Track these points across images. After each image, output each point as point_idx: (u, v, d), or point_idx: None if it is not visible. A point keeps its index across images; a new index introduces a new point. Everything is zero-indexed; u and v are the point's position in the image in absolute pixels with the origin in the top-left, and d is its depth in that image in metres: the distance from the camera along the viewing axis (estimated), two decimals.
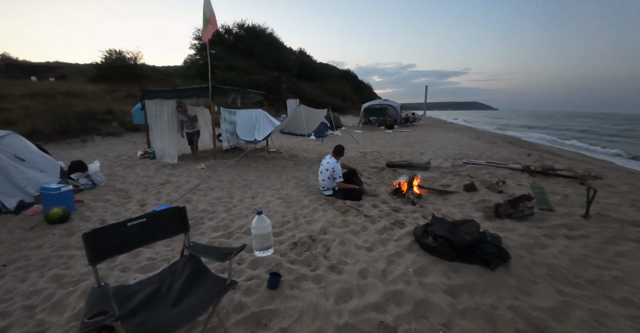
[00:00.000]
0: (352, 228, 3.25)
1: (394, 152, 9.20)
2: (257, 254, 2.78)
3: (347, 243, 2.91)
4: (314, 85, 37.63)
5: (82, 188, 5.52)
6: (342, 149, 4.61)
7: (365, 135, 15.47)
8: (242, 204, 4.37)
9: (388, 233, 3.09)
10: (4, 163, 4.52)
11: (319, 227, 3.32)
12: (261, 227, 2.75)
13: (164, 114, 7.61)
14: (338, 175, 4.35)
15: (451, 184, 5.15)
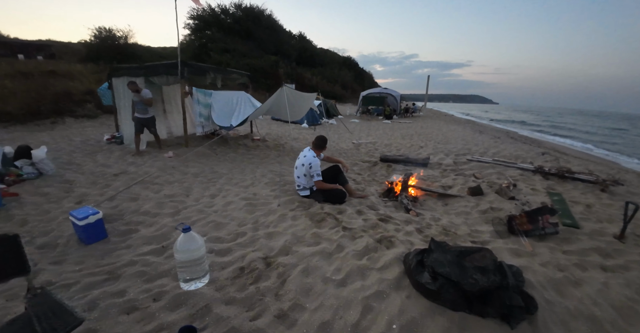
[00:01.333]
0: (324, 247, 2.48)
1: (390, 144, 8.38)
2: (183, 287, 2.03)
3: (313, 272, 2.14)
4: (314, 71, 36.17)
5: (25, 178, 4.74)
6: (324, 140, 3.80)
7: (362, 124, 14.59)
8: (197, 205, 3.60)
9: (370, 256, 2.33)
10: None
11: (281, 244, 2.56)
12: (188, 250, 1.99)
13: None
14: (316, 172, 3.56)
15: (453, 185, 4.38)
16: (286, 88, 5.91)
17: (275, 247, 2.54)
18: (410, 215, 3.33)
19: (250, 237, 2.76)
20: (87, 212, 2.88)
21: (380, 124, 15.17)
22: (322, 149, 3.80)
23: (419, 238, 2.67)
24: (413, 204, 3.74)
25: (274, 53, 33.73)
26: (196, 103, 6.54)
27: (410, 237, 2.68)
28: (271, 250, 2.49)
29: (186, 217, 3.32)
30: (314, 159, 3.60)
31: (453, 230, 2.92)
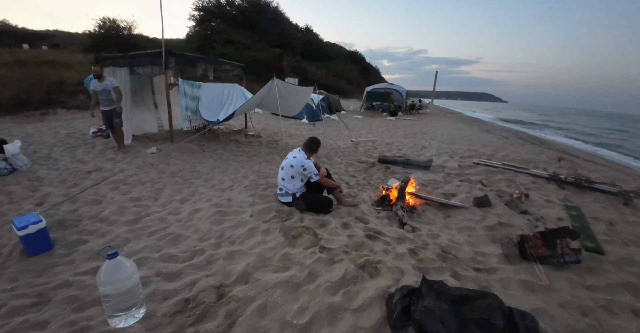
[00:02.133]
0: (292, 274, 2.04)
1: (391, 143, 7.88)
2: (110, 324, 1.67)
3: (271, 312, 1.71)
4: (319, 65, 35.44)
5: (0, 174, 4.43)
6: (317, 143, 3.34)
7: (365, 121, 14.04)
8: (161, 212, 3.20)
9: (347, 291, 1.88)
10: None
11: (242, 268, 2.13)
12: (114, 281, 1.61)
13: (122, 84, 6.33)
14: (313, 172, 3.14)
15: (457, 193, 3.90)
16: (278, 81, 5.44)
17: (234, 271, 2.12)
18: (405, 230, 2.88)
19: (208, 256, 2.34)
20: (29, 220, 2.51)
21: (383, 120, 14.60)
22: (314, 152, 3.35)
23: (412, 263, 2.22)
24: (410, 215, 3.28)
25: (279, 46, 33.07)
26: (182, 95, 6.10)
27: (401, 262, 2.22)
28: (228, 276, 2.07)
29: (144, 227, 2.92)
30: (306, 160, 3.15)
31: (454, 252, 2.46)
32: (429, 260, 2.28)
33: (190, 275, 2.14)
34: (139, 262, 2.35)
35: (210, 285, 2.00)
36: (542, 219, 3.01)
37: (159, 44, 5.72)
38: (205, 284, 2.00)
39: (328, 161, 5.79)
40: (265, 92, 5.42)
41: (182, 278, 2.11)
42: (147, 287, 2.06)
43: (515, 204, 3.26)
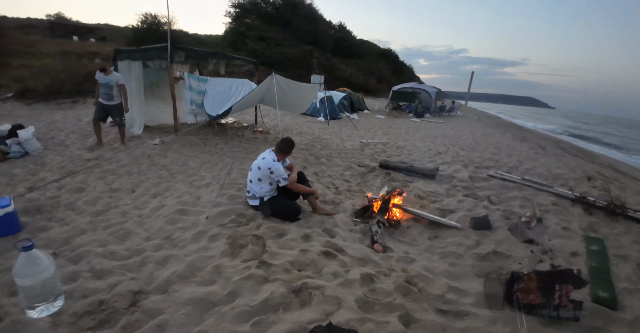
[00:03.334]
0: (212, 290, 1.79)
1: (404, 146, 7.30)
2: (27, 314, 1.65)
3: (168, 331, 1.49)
4: (349, 62, 34.77)
5: (11, 156, 4.72)
6: (289, 144, 3.08)
7: (386, 122, 13.38)
8: (129, 205, 3.15)
9: (261, 321, 1.57)
10: None
11: (167, 276, 1.95)
12: (28, 274, 1.61)
13: (132, 77, 6.51)
14: (281, 176, 2.87)
15: (456, 210, 3.38)
16: (278, 76, 5.20)
17: (158, 278, 1.94)
18: (375, 249, 2.48)
19: (144, 257, 2.19)
20: (6, 204, 2.58)
21: (407, 122, 13.81)
22: (286, 154, 3.07)
23: (358, 294, 1.84)
24: (390, 231, 2.87)
25: (310, 42, 32.96)
26: (187, 89, 6.10)
27: (346, 291, 1.85)
28: (150, 283, 1.90)
29: (105, 219, 2.86)
30: (274, 163, 2.89)
31: (422, 283, 2.03)
32: (383, 293, 1.89)
33: (117, 276, 2.01)
34: (81, 255, 2.29)
35: (129, 289, 1.86)
36: (551, 252, 2.43)
37: (196, 39, 5.88)
38: (125, 288, 1.86)
39: (327, 162, 5.45)
40: (265, 88, 5.20)
41: (108, 278, 2.00)
42: (74, 282, 1.98)
43: (520, 230, 2.69)
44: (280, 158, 3.02)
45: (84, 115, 8.59)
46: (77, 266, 2.17)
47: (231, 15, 33.31)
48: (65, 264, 2.21)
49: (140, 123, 6.83)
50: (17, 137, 5.02)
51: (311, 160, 5.45)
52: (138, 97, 6.66)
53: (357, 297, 1.80)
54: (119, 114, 5.33)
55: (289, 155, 3.09)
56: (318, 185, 4.13)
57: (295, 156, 5.57)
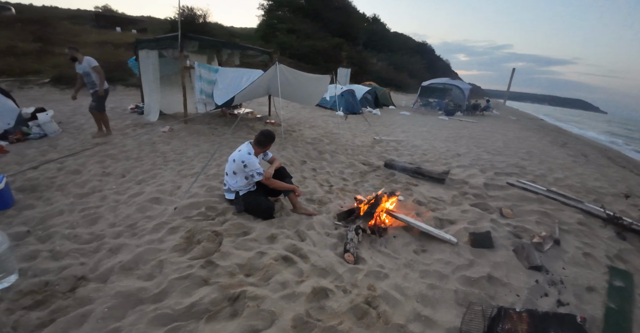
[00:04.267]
0: (146, 286, 1.66)
1: (420, 146, 6.76)
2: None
3: (89, 322, 1.48)
4: (380, 56, 33.66)
5: (31, 137, 5.01)
6: (267, 137, 2.83)
7: (410, 119, 12.66)
8: (112, 189, 3.18)
9: (178, 326, 1.39)
10: None
11: (112, 265, 1.92)
12: None
13: (149, 66, 6.66)
14: (255, 171, 2.66)
15: (457, 221, 2.95)
16: (283, 66, 4.96)
17: (104, 266, 1.90)
18: (345, 258, 2.18)
19: (101, 244, 2.16)
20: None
21: (433, 120, 12.96)
22: (264, 147, 2.84)
23: (300, 312, 1.57)
24: (373, 238, 2.54)
25: (341, 35, 32.25)
26: (198, 78, 6.09)
27: (286, 306, 1.60)
28: (95, 270, 1.88)
29: (85, 202, 2.90)
30: (248, 156, 2.68)
31: (385, 307, 1.72)
32: (331, 313, 1.61)
33: (70, 259, 2.00)
34: (50, 235, 2.32)
35: (74, 274, 1.84)
36: (561, 285, 1.97)
37: (230, 31, 5.88)
38: (71, 272, 1.86)
39: (330, 158, 5.16)
40: (268, 78, 4.99)
41: (62, 260, 1.99)
42: (33, 260, 2.01)
43: (527, 253, 2.23)
44: (258, 151, 2.80)
45: (109, 102, 8.95)
46: (41, 245, 2.20)
47: (264, 8, 33.51)
48: (33, 243, 2.24)
49: (156, 111, 6.98)
50: (35, 120, 5.32)
51: (313, 155, 5.19)
52: (154, 85, 6.81)
53: (297, 314, 1.54)
54: (97, 99, 5.01)
55: (267, 148, 2.85)
56: (311, 182, 3.88)
57: (297, 150, 5.34)
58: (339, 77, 21.05)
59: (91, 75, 4.89)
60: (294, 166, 4.51)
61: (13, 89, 9.17)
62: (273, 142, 2.84)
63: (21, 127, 5.09)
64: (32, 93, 8.86)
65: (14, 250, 1.99)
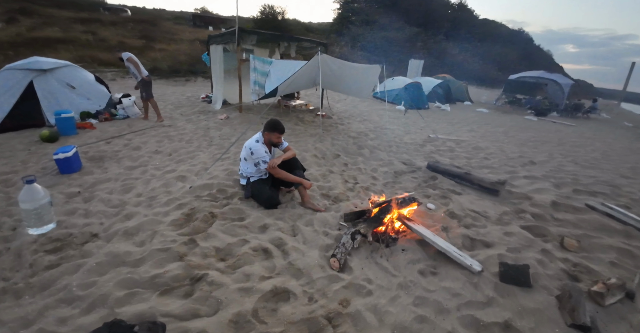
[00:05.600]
0: (128, 251, 1.87)
1: (484, 148, 5.75)
2: (32, 232, 2.13)
3: (71, 274, 1.68)
4: (464, 46, 30.05)
5: (116, 118, 6.08)
6: (271, 125, 2.69)
7: (486, 116, 10.97)
8: (157, 165, 3.65)
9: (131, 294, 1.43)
10: (56, 89, 5.31)
11: (117, 229, 2.21)
12: (27, 201, 2.06)
13: (216, 60, 7.31)
14: (261, 159, 2.65)
15: (493, 245, 2.37)
16: (325, 56, 4.77)
17: (113, 228, 2.22)
18: (330, 263, 1.96)
19: (121, 210, 2.53)
20: (64, 150, 3.36)
21: (516, 119, 10.94)
22: (270, 134, 2.69)
23: (245, 309, 1.47)
24: (376, 247, 2.23)
25: (420, 24, 29.81)
26: (252, 70, 6.41)
27: (238, 299, 1.52)
28: (107, 230, 2.21)
29: (129, 174, 3.38)
30: (255, 143, 2.68)
31: (346, 329, 1.47)
32: (281, 318, 1.46)
33: (94, 218, 2.36)
34: (92, 197, 2.78)
35: (91, 231, 2.17)
36: None
37: (306, 27, 6.21)
38: (89, 229, 2.19)
39: (369, 154, 4.82)
40: (311, 68, 4.87)
41: (89, 218, 2.37)
42: (70, 215, 2.43)
43: (573, 304, 1.62)
44: (266, 139, 2.71)
45: (188, 91, 10.29)
46: (82, 205, 2.63)
47: (340, 1, 33.25)
48: (78, 202, 2.70)
49: (220, 100, 7.64)
50: (120, 104, 6.37)
51: (350, 150, 4.92)
52: (220, 77, 7.46)
53: (243, 310, 1.46)
54: (145, 89, 5.65)
55: (274, 136, 2.69)
56: (335, 177, 3.67)
57: (335, 143, 5.15)
58: (410, 69, 19.77)
59: (130, 67, 5.53)
60: (325, 159, 4.35)
61: (117, 78, 11.26)
62: (278, 131, 2.67)
63: (110, 109, 6.13)
64: (130, 82, 10.66)
65: (55, 205, 2.45)
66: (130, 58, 5.49)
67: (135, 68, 5.52)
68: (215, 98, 7.86)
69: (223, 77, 7.47)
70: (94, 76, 6.43)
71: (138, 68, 5.52)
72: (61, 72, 5.48)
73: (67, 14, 16.57)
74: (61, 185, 3.03)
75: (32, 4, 16.15)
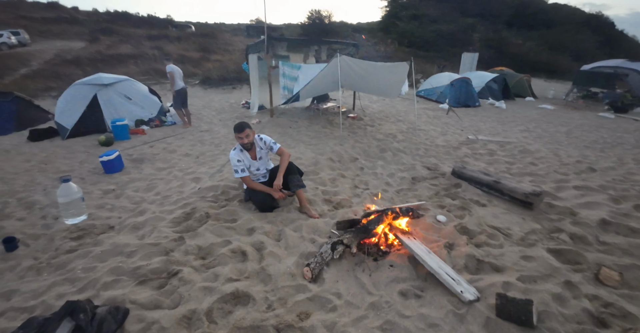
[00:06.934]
0: (126, 242, 2.13)
1: (534, 152, 4.95)
2: (67, 222, 2.56)
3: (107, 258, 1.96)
4: (530, 35, 26.54)
5: (165, 124, 6.85)
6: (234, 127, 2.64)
7: (549, 114, 9.52)
8: (182, 167, 4.02)
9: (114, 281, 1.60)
10: (115, 100, 6.22)
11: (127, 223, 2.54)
12: (63, 196, 2.50)
13: (253, 67, 7.72)
14: (235, 167, 2.62)
15: (504, 269, 2.02)
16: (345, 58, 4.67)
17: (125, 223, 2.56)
18: (303, 272, 1.89)
19: (138, 206, 2.89)
20: (108, 153, 3.94)
21: (587, 117, 9.24)
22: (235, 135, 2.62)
23: (201, 308, 1.55)
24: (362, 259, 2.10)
25: (477, 14, 27.18)
26: (282, 76, 6.60)
27: (198, 297, 1.62)
28: (120, 224, 2.55)
29: (157, 174, 3.82)
30: (232, 152, 2.68)
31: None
32: (230, 323, 1.51)
33: (116, 212, 2.77)
34: (121, 194, 3.21)
35: (109, 224, 2.54)
36: None
37: (350, 27, 6.35)
38: (108, 222, 2.58)
39: (391, 157, 4.57)
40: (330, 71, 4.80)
41: (112, 212, 2.78)
42: (100, 209, 2.84)
43: None
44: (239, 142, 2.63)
45: (232, 98, 11.02)
46: (112, 200, 3.04)
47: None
48: (110, 198, 3.13)
49: (257, 106, 8.04)
50: (169, 112, 7.12)
51: (371, 153, 4.72)
52: (256, 83, 7.87)
53: (198, 309, 1.56)
54: (173, 99, 6.22)
55: (237, 137, 2.61)
56: (345, 182, 3.57)
57: (356, 146, 4.99)
58: (463, 63, 18.16)
59: (169, 80, 6.13)
60: (341, 162, 4.26)
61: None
62: (236, 131, 2.59)
63: (161, 116, 6.89)
64: None
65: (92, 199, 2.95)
66: (170, 73, 6.10)
67: (171, 81, 6.13)
68: (253, 103, 8.28)
69: (259, 84, 7.84)
70: (148, 88, 7.30)
71: (172, 82, 6.11)
72: (120, 86, 6.35)
73: (140, 32, 19.18)
74: (102, 183, 3.52)
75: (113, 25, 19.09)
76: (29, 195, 3.13)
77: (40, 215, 2.72)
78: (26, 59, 14.30)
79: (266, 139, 2.77)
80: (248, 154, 2.70)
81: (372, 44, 22.03)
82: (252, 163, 2.74)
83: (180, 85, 6.20)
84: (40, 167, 4.17)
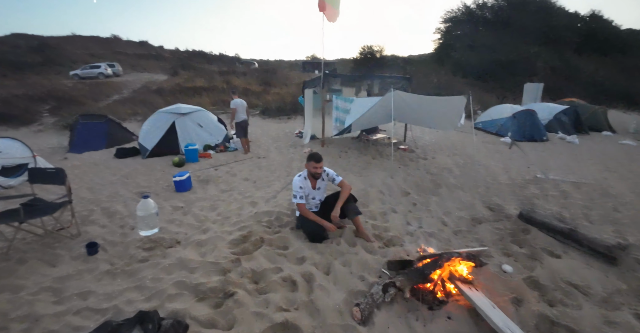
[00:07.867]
0: (189, 258, 2.35)
1: (618, 195, 4.24)
2: (142, 233, 2.94)
3: (176, 270, 2.15)
4: (604, 60, 23.97)
5: (229, 150, 7.63)
6: (311, 155, 2.85)
7: (629, 151, 8.21)
8: (241, 190, 4.38)
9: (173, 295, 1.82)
10: (189, 127, 7.25)
11: (192, 240, 2.79)
12: (141, 210, 2.89)
13: (308, 100, 8.34)
14: (295, 193, 2.80)
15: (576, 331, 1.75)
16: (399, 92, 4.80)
17: (191, 239, 2.85)
18: (352, 313, 1.88)
19: (202, 224, 3.20)
20: (180, 174, 4.51)
21: None
22: (309, 163, 2.83)
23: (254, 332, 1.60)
24: (416, 305, 2.01)
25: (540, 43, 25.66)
26: (335, 109, 7.02)
27: (250, 321, 1.70)
28: (186, 240, 2.86)
29: (219, 196, 4.21)
30: (296, 178, 2.88)
31: None
32: None
33: (183, 229, 3.12)
34: (188, 211, 3.62)
35: (176, 238, 2.89)
36: None
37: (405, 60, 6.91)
38: (175, 237, 2.93)
39: (446, 193, 4.36)
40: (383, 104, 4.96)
41: (179, 228, 3.14)
42: (169, 224, 3.25)
43: None
44: (308, 171, 2.86)
45: (288, 128, 11.79)
46: (180, 217, 3.45)
47: (440, 31, 32.35)
48: (178, 214, 3.56)
49: (309, 135, 8.53)
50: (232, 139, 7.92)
51: (424, 188, 4.58)
52: (309, 115, 8.44)
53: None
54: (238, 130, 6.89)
55: (311, 166, 2.81)
56: (397, 218, 3.48)
57: (408, 179, 4.92)
58: (526, 94, 17.01)
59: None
60: (391, 196, 4.19)
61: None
62: (314, 159, 2.79)
63: (225, 142, 7.69)
64: None
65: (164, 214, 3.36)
66: (233, 109, 6.71)
67: (232, 116, 6.78)
68: (305, 133, 8.79)
69: (312, 115, 8.38)
70: (217, 117, 8.29)
71: (233, 116, 6.76)
72: (194, 115, 7.36)
73: (212, 67, 22.22)
74: (174, 200, 4.01)
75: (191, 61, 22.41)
76: (112, 205, 3.71)
77: (119, 224, 3.19)
78: (119, 87, 17.32)
79: (330, 171, 2.96)
80: (310, 182, 2.88)
81: (424, 74, 22.06)
82: (312, 192, 2.91)
83: (241, 117, 6.89)
84: (123, 181, 4.92)
